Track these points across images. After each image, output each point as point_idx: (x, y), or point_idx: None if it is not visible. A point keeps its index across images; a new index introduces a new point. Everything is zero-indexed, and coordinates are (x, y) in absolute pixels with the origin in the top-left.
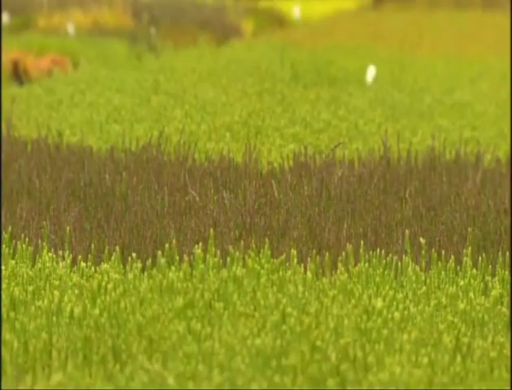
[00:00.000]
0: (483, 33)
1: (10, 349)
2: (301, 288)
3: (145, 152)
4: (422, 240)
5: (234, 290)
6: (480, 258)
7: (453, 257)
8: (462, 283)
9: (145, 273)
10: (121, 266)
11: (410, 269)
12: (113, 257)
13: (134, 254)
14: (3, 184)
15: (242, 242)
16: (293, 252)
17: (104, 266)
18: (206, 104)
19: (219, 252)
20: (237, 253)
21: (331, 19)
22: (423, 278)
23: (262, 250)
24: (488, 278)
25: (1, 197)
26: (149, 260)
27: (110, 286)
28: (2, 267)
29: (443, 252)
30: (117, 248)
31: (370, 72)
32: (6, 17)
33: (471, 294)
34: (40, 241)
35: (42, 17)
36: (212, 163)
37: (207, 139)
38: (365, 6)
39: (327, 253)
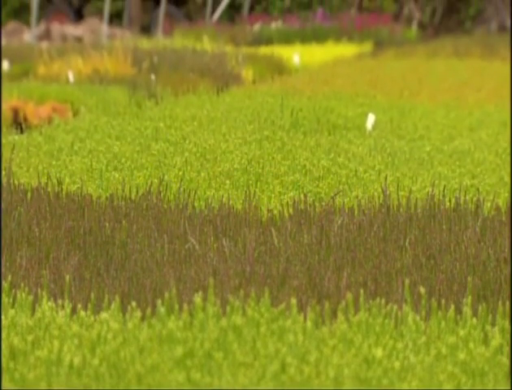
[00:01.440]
0: (483, 81)
1: None
2: (301, 338)
3: (144, 199)
4: (422, 290)
5: (234, 339)
6: (480, 308)
7: (453, 306)
8: (462, 333)
9: (145, 322)
10: (121, 315)
11: (409, 318)
12: (112, 306)
13: (134, 303)
14: (3, 232)
15: (242, 291)
16: (293, 301)
17: (103, 315)
18: (205, 151)
19: (218, 301)
20: (237, 302)
21: (331, 66)
22: (423, 327)
23: (261, 299)
24: (488, 327)
25: (1, 245)
26: (149, 309)
27: (109, 336)
28: (2, 317)
29: (443, 301)
30: (116, 297)
31: (370, 120)
32: (6, 65)
33: (471, 344)
34: (39, 290)
35: (42, 65)
36: (212, 211)
37: (207, 186)
38: (364, 54)
39: (326, 302)
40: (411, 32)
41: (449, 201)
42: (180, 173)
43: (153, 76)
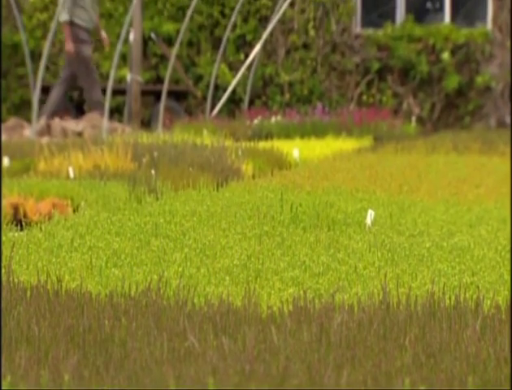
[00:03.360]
0: (482, 177)
1: None
2: None
3: (144, 296)
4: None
5: None
6: None
7: None
8: None
9: None
10: None
11: None
12: None
13: None
14: (2, 331)
15: None
16: None
17: None
18: (205, 247)
19: None
20: None
21: (331, 160)
22: None
23: None
24: None
25: (0, 344)
26: None
27: None
28: None
29: None
30: None
31: (370, 215)
32: (6, 161)
33: None
34: None
35: (43, 160)
36: (211, 307)
37: (207, 283)
38: (364, 148)
39: None
40: (410, 127)
41: (449, 298)
42: (180, 269)
43: (153, 171)
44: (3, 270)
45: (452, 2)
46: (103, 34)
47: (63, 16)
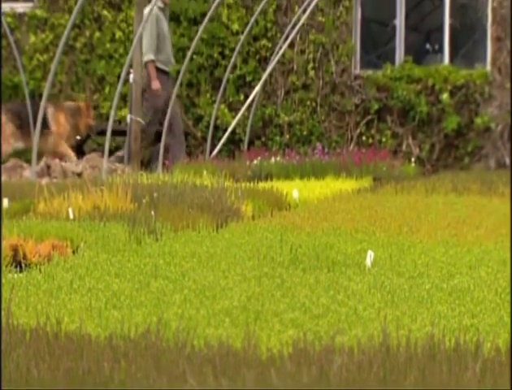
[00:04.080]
0: (482, 219)
1: None
2: None
3: (143, 338)
4: None
5: None
6: None
7: None
8: None
9: None
10: None
11: None
12: None
13: None
14: (2, 373)
15: None
16: None
17: None
18: (205, 288)
19: None
20: None
21: (331, 201)
22: None
23: None
24: None
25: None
26: None
27: None
28: None
29: None
30: None
31: (369, 256)
32: (5, 202)
33: None
34: None
35: (42, 201)
36: (211, 349)
37: (206, 324)
38: (363, 189)
39: None
40: (410, 167)
41: (449, 340)
42: (179, 311)
43: (152, 212)
44: (3, 313)
45: (451, 43)
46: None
47: (148, 56)
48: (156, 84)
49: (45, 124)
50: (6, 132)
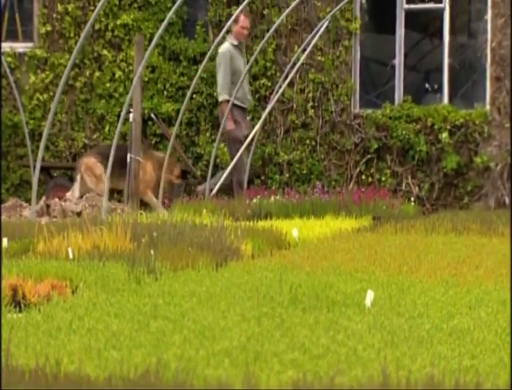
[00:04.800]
0: (481, 258)
1: None
2: None
3: (143, 379)
4: None
5: None
6: None
7: None
8: None
9: None
10: None
11: None
12: None
13: None
14: None
15: None
16: None
17: None
18: (204, 329)
19: None
20: None
21: (330, 240)
22: None
23: None
24: None
25: None
26: None
27: None
28: None
29: None
30: None
31: (369, 296)
32: (5, 242)
33: None
34: None
35: (42, 241)
36: None
37: (206, 365)
38: (363, 228)
39: None
40: (409, 206)
41: (449, 381)
42: (179, 351)
43: (152, 251)
44: (2, 353)
45: (450, 83)
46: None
47: (223, 96)
48: (231, 125)
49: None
50: (96, 172)
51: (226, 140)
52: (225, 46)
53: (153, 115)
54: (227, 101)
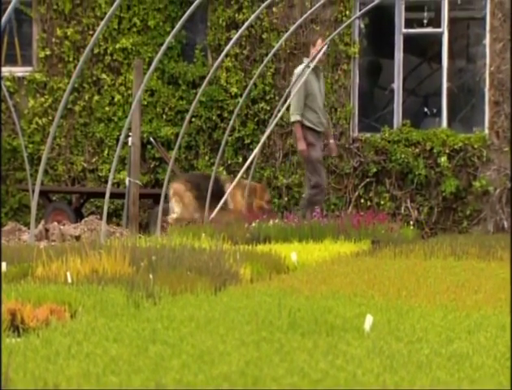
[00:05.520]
0: (480, 283)
1: None
2: None
3: None
4: None
5: None
6: None
7: None
8: None
9: None
10: None
11: None
12: None
13: None
14: None
15: None
16: None
17: None
18: (203, 353)
19: None
20: None
21: (329, 264)
22: None
23: None
24: None
25: None
26: None
27: None
28: None
29: None
30: None
31: (368, 321)
32: (3, 266)
33: None
34: None
35: (41, 265)
36: None
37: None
38: (362, 252)
39: None
40: (408, 230)
41: None
42: (178, 376)
43: (151, 276)
44: (2, 377)
45: (449, 107)
46: (331, 141)
47: (295, 117)
48: (301, 145)
49: (220, 198)
50: (185, 200)
51: (303, 162)
52: (300, 67)
53: (152, 139)
54: (298, 121)
